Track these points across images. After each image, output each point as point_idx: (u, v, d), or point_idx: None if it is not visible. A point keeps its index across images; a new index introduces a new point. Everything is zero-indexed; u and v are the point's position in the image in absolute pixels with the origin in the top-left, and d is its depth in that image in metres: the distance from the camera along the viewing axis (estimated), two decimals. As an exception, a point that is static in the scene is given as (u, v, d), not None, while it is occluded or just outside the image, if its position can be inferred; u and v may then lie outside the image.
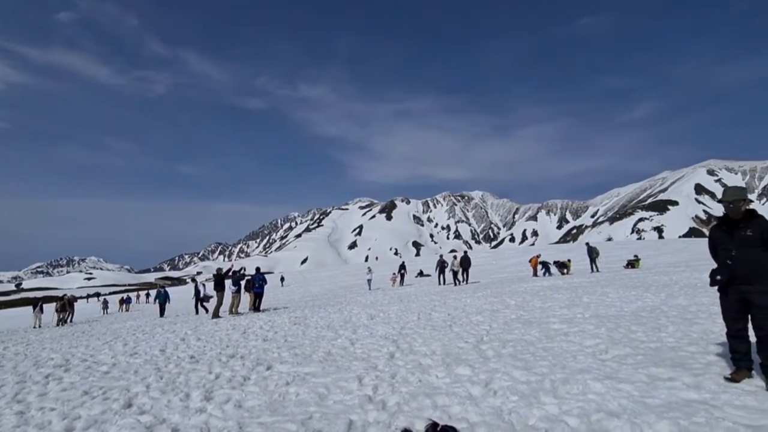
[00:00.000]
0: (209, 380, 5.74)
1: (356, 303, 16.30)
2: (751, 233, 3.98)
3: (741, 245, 4.01)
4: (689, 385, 4.05)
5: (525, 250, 77.94)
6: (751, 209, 4.13)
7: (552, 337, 6.57)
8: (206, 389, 5.29)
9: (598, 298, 10.72)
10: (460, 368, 5.32)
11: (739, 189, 4.17)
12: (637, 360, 4.99)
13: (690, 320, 6.89)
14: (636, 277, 16.06)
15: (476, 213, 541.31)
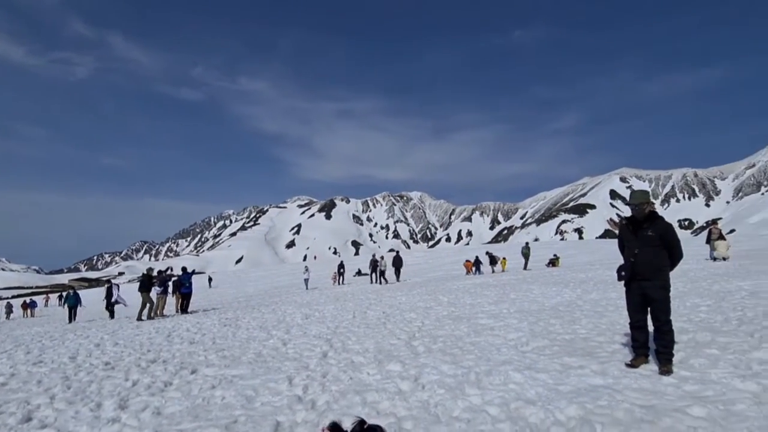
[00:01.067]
0: (125, 388, 5.33)
1: (292, 303, 15.98)
2: (652, 233, 4.43)
3: (643, 244, 4.45)
4: (596, 371, 4.43)
5: (460, 250, 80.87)
6: (653, 211, 4.59)
7: (479, 332, 6.88)
8: (121, 397, 4.91)
9: (523, 294, 11.38)
10: (392, 364, 5.40)
11: (643, 193, 4.62)
12: (554, 351, 5.37)
13: (600, 313, 7.54)
14: (557, 275, 17.27)
15: (415, 213, 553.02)
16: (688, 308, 7.14)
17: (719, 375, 4.00)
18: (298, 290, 26.02)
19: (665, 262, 4.39)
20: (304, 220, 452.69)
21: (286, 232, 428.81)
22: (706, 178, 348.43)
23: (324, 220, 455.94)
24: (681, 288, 9.43)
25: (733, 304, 7.16)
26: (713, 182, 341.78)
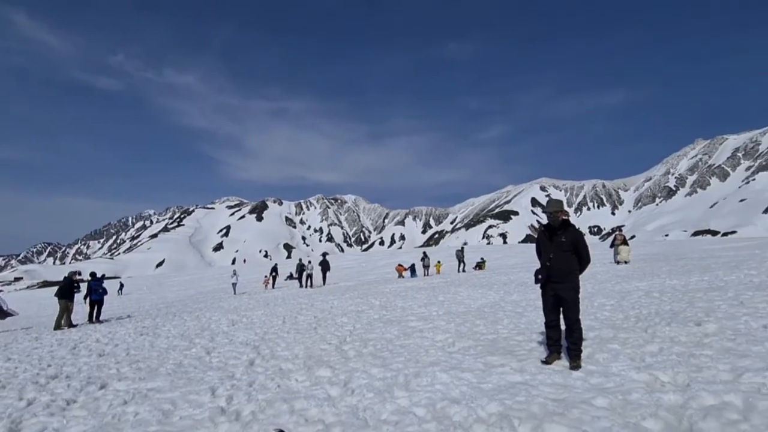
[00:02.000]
0: (18, 408, 4.74)
1: (218, 309, 15.22)
2: (565, 239, 4.81)
3: (557, 250, 4.83)
4: (515, 369, 4.71)
5: (393, 253, 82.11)
6: (566, 219, 4.99)
7: (409, 335, 7.03)
8: (12, 420, 4.36)
9: (451, 296, 11.82)
10: (321, 370, 5.34)
11: (558, 201, 5.02)
12: (478, 350, 5.63)
13: (520, 313, 8.04)
14: (483, 277, 18.15)
15: (349, 216, 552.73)
16: (596, 307, 7.84)
17: (619, 368, 4.44)
18: (225, 295, 24.83)
19: (576, 267, 4.80)
20: (233, 222, 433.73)
21: (213, 234, 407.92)
22: (612, 189, 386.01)
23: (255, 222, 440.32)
24: (590, 289, 10.35)
25: (631, 302, 7.99)
26: (618, 193, 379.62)
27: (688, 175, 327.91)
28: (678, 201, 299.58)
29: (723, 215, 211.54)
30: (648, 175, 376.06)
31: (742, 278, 9.82)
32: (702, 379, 3.89)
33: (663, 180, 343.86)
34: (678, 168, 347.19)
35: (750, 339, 4.93)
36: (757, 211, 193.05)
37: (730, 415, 3.17)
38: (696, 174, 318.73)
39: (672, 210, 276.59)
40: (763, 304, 6.62)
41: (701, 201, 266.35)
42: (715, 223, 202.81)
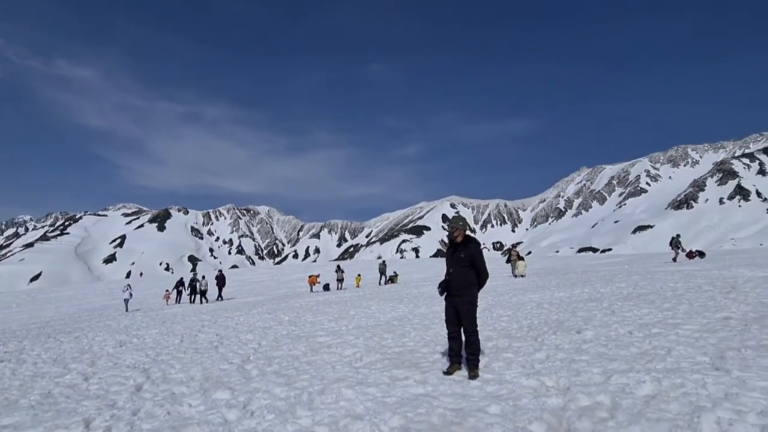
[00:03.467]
0: None
1: (105, 328, 13.57)
2: (464, 255, 5.09)
3: (456, 264, 5.09)
4: (419, 381, 4.82)
5: (307, 267, 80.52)
6: (468, 235, 5.28)
7: (317, 350, 6.88)
8: None
9: (362, 310, 11.85)
10: (219, 392, 4.99)
11: (460, 219, 5.32)
12: (384, 364, 5.68)
13: (427, 326, 8.31)
14: (394, 291, 18.52)
15: (262, 228, 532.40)
16: (494, 318, 8.38)
17: (512, 375, 4.76)
18: (115, 313, 22.27)
19: (474, 281, 5.08)
20: (129, 231, 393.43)
21: (104, 245, 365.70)
22: (512, 209, 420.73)
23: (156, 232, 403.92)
24: (490, 301, 11.06)
25: (525, 313, 8.68)
26: (517, 212, 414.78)
27: (574, 198, 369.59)
28: (566, 221, 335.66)
29: (601, 234, 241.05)
30: (542, 197, 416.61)
31: (614, 290, 11.19)
32: (579, 382, 4.31)
33: (554, 202, 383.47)
34: (567, 191, 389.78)
35: (618, 344, 5.60)
36: (627, 232, 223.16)
37: (601, 414, 3.55)
38: (581, 197, 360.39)
39: (561, 229, 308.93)
40: (630, 313, 7.60)
41: (585, 221, 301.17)
42: (595, 241, 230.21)
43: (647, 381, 4.12)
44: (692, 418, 3.28)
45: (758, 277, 11.53)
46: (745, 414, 3.28)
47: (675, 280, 12.30)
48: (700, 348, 5.08)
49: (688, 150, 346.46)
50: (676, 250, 22.73)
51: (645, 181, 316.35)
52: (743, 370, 4.18)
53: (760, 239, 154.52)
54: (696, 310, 7.43)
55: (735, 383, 3.87)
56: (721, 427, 3.13)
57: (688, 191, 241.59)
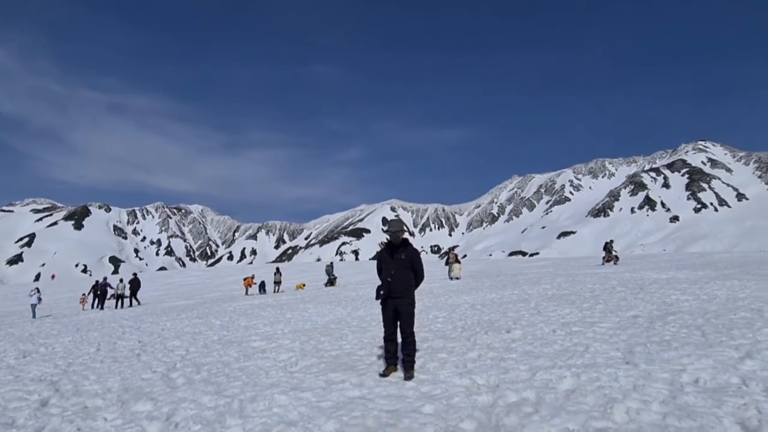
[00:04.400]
0: None
1: (6, 337, 12.12)
2: (404, 257, 5.16)
3: (397, 266, 5.14)
4: (355, 384, 4.80)
5: (242, 269, 77.59)
6: (406, 238, 5.35)
7: (250, 356, 6.62)
8: None
9: (299, 314, 11.61)
10: (140, 404, 4.63)
11: (399, 221, 5.37)
12: (320, 368, 5.59)
13: (365, 329, 8.31)
14: (333, 294, 18.37)
15: (194, 228, 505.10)
16: (430, 320, 8.58)
17: (446, 375, 4.88)
18: (20, 319, 19.98)
19: (413, 282, 5.18)
20: (40, 229, 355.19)
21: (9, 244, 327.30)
22: (450, 213, 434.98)
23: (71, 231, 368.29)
24: (427, 303, 11.31)
25: (460, 314, 8.97)
26: (454, 217, 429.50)
27: (507, 204, 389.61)
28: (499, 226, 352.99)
29: (530, 239, 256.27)
30: (478, 202, 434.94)
31: (540, 292, 11.92)
32: (508, 380, 4.52)
33: (489, 207, 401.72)
34: (500, 198, 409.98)
35: (543, 342, 5.95)
36: (553, 237, 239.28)
37: (527, 409, 3.74)
38: (512, 204, 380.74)
39: (495, 233, 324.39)
40: (553, 313, 8.12)
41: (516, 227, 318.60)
42: (524, 245, 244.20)
43: (568, 376, 4.41)
44: (606, 409, 3.56)
45: (662, 279, 12.83)
46: (650, 403, 3.61)
47: (593, 282, 13.35)
48: (613, 344, 5.54)
49: (606, 163, 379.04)
50: (608, 254, 24.54)
51: (569, 191, 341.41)
52: (649, 364, 4.61)
53: (664, 245, 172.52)
54: (610, 309, 8.10)
55: (642, 375, 4.26)
56: (629, 416, 3.42)
57: (605, 201, 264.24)
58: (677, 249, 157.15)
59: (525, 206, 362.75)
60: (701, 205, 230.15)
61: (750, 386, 3.79)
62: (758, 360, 4.46)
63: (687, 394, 3.73)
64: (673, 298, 8.90)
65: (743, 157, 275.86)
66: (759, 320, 6.26)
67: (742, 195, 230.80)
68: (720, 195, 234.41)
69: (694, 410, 3.40)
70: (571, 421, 3.41)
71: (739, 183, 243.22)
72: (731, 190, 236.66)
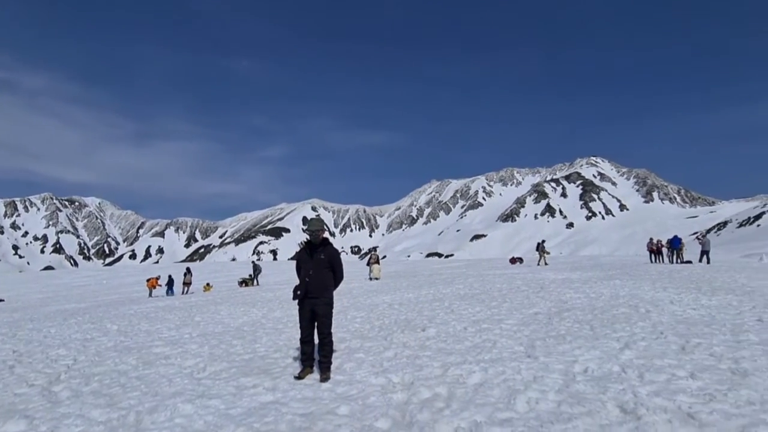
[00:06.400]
0: None
1: None
2: (323, 257, 5.08)
3: (316, 266, 5.04)
4: (268, 388, 4.61)
5: (146, 269, 71.39)
6: (326, 237, 5.27)
7: (151, 363, 6.07)
8: None
9: (210, 316, 10.93)
10: (11, 424, 4.01)
11: (319, 221, 5.28)
12: (231, 373, 5.29)
13: (281, 330, 8.05)
14: (248, 294, 17.58)
15: (89, 223, 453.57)
16: (348, 320, 8.56)
17: (362, 375, 4.89)
18: None
19: (331, 283, 5.12)
20: None
21: None
22: (371, 214, 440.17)
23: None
24: (345, 303, 11.28)
25: (378, 314, 9.07)
26: (375, 218, 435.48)
27: (425, 207, 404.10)
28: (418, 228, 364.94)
29: (446, 241, 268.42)
30: (398, 204, 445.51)
31: (454, 291, 12.50)
32: (422, 377, 4.65)
33: (408, 210, 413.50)
34: (419, 201, 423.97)
35: (455, 339, 6.23)
36: (467, 240, 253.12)
37: (438, 404, 3.87)
38: (431, 207, 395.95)
39: (413, 235, 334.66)
40: (465, 311, 8.55)
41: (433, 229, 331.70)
42: (441, 247, 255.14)
43: (477, 371, 4.66)
44: (509, 401, 3.80)
45: (559, 280, 14.15)
46: (547, 393, 3.93)
47: (501, 282, 14.31)
48: (517, 339, 5.96)
49: (515, 172, 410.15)
50: (540, 254, 26.15)
51: (482, 196, 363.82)
52: (547, 356, 5.03)
53: (561, 249, 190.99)
54: (515, 307, 8.73)
55: (541, 368, 4.63)
56: (530, 406, 3.69)
57: (513, 207, 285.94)
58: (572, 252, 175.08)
59: (442, 210, 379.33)
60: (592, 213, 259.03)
61: (628, 373, 4.30)
62: (635, 350, 5.08)
63: (578, 382, 4.13)
64: (568, 296, 9.84)
65: (625, 172, 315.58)
66: (635, 315, 7.15)
67: (624, 206, 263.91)
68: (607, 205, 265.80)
69: (584, 397, 3.77)
70: (478, 413, 3.59)
71: (621, 195, 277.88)
72: (616, 201, 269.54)
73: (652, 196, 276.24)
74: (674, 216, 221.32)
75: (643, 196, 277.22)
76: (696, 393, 3.69)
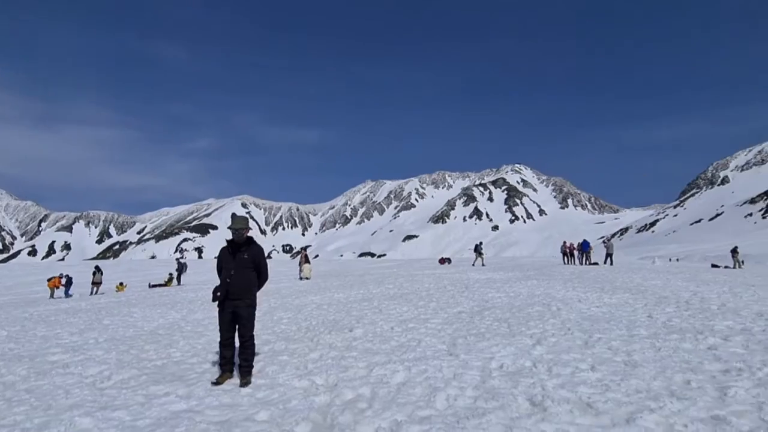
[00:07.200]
0: None
1: None
2: (247, 256, 4.87)
3: (239, 266, 4.82)
4: (182, 396, 4.33)
5: (49, 267, 64.27)
6: (251, 236, 5.06)
7: (46, 372, 5.44)
8: None
9: (121, 318, 10.06)
10: None
11: (243, 218, 5.06)
12: (140, 381, 4.90)
13: (200, 333, 7.61)
14: (167, 295, 16.45)
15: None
16: (274, 321, 8.31)
17: (285, 378, 4.76)
18: None
19: (255, 283, 4.92)
20: None
21: None
22: (304, 213, 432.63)
23: None
24: (273, 303, 10.95)
25: (305, 315, 8.91)
26: (308, 216, 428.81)
27: (359, 207, 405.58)
28: (351, 228, 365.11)
29: (379, 241, 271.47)
30: (332, 203, 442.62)
31: (384, 291, 12.65)
32: (346, 378, 4.63)
33: (342, 209, 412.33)
34: (353, 201, 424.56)
35: (382, 339, 6.29)
36: (399, 240, 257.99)
37: (361, 405, 3.87)
38: (365, 207, 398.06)
39: (347, 234, 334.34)
40: (393, 311, 8.68)
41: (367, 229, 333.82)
42: (374, 247, 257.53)
43: (401, 370, 4.73)
44: (430, 398, 3.91)
45: (483, 279, 14.87)
46: (465, 389, 4.09)
47: (429, 282, 14.73)
48: (441, 338, 6.16)
49: (446, 175, 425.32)
50: (478, 255, 26.91)
51: (415, 198, 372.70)
52: (467, 354, 5.24)
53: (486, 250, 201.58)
54: (441, 306, 9.03)
55: (461, 365, 4.82)
56: (449, 402, 3.82)
57: (444, 209, 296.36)
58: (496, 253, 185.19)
59: (376, 210, 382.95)
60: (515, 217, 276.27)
61: (538, 368, 4.61)
62: (545, 346, 5.47)
63: (494, 378, 4.35)
64: (490, 295, 10.37)
65: (545, 180, 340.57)
66: (548, 313, 7.70)
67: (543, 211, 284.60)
68: (528, 210, 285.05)
69: (498, 392, 3.97)
70: (400, 412, 3.64)
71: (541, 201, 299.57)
72: (536, 206, 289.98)
73: (567, 202, 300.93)
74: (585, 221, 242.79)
75: (559, 202, 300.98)
76: (595, 384, 4.05)
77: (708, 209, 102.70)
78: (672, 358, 4.74)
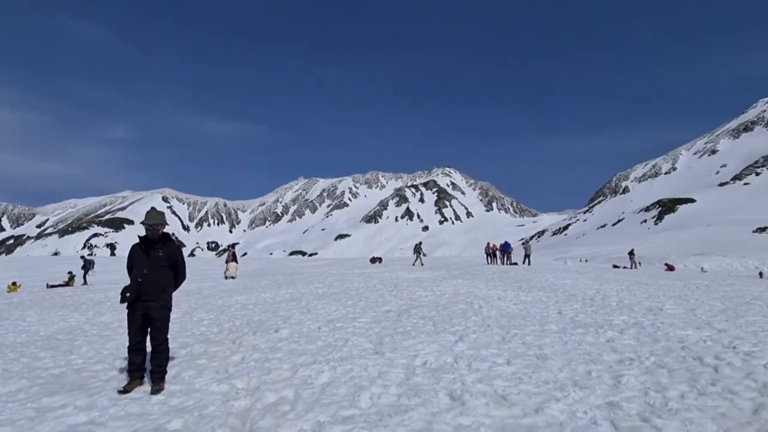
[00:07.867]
0: None
1: None
2: (162, 254, 4.54)
3: (152, 264, 4.47)
4: (81, 407, 3.92)
5: None
6: (166, 233, 4.73)
7: None
8: None
9: (12, 323, 8.90)
10: None
11: (158, 213, 4.70)
12: (31, 393, 4.36)
13: (108, 337, 6.97)
14: (71, 296, 14.85)
15: None
16: (194, 323, 7.84)
17: (202, 383, 4.50)
18: None
19: (171, 283, 4.60)
20: None
21: None
22: (232, 209, 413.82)
23: None
24: (193, 304, 10.33)
25: (229, 316, 8.51)
26: (236, 213, 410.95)
27: (291, 205, 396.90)
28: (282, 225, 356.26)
29: (311, 240, 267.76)
30: (262, 200, 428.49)
31: (313, 290, 12.47)
32: (269, 380, 4.49)
33: (273, 206, 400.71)
34: (285, 198, 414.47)
35: (309, 339, 6.19)
36: (331, 239, 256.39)
37: (283, 408, 3.77)
38: (296, 205, 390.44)
39: (277, 232, 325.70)
40: (322, 310, 8.58)
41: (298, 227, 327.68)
42: (305, 245, 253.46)
43: (326, 370, 4.69)
44: (354, 398, 3.91)
45: (411, 278, 15.22)
46: (389, 387, 4.15)
47: (359, 281, 14.78)
48: (368, 337, 6.20)
49: (380, 176, 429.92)
50: (417, 255, 27.31)
51: (348, 197, 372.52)
52: (393, 352, 5.33)
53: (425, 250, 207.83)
54: (370, 305, 9.09)
55: (387, 363, 4.88)
56: (373, 401, 3.85)
57: (377, 209, 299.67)
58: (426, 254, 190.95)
59: (308, 208, 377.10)
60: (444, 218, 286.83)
61: (459, 363, 4.80)
62: (467, 342, 5.72)
63: (417, 375, 4.46)
64: (417, 294, 10.64)
65: (473, 183, 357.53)
66: (470, 311, 8.07)
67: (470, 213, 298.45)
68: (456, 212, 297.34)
69: (421, 388, 4.08)
70: (323, 413, 3.60)
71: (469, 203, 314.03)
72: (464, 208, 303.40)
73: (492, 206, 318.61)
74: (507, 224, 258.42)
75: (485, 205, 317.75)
76: (509, 377, 4.31)
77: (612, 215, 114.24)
78: (577, 351, 5.19)
